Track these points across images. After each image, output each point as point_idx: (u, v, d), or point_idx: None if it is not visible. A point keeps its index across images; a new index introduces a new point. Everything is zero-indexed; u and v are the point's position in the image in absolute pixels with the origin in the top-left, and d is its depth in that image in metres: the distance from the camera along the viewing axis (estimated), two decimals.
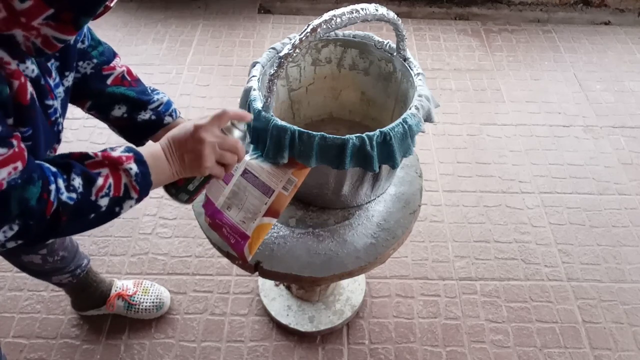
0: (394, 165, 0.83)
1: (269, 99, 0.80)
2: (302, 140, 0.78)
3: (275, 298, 1.44)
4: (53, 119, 0.69)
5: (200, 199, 0.90)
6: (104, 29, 2.43)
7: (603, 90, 2.25)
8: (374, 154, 0.78)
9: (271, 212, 0.81)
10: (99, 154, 0.64)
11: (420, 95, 0.87)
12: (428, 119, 0.89)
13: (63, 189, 0.60)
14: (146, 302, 1.40)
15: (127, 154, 0.65)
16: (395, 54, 0.97)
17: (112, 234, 1.63)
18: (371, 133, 0.78)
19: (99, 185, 0.62)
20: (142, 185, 0.66)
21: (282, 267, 0.90)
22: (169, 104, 0.88)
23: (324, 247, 0.93)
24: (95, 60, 0.83)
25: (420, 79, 0.91)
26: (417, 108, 0.84)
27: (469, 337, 1.43)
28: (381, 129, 0.79)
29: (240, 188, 0.82)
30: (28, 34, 0.53)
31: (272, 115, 0.81)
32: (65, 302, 1.45)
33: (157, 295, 1.42)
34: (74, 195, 0.60)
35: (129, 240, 1.61)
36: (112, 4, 0.60)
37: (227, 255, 0.92)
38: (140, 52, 2.34)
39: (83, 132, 1.95)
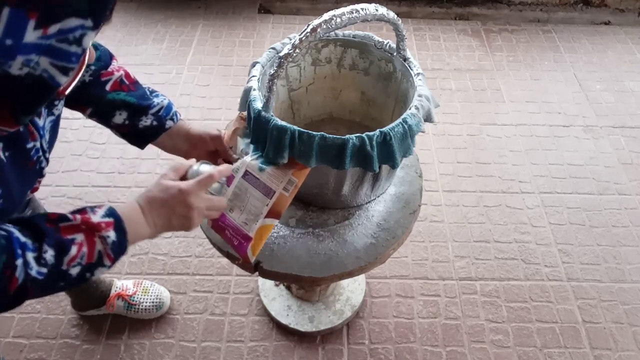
0: (394, 165, 0.83)
1: (269, 99, 0.80)
2: (302, 140, 0.78)
3: (275, 298, 1.44)
4: (35, 159, 0.65)
5: None
6: (104, 29, 2.42)
7: (603, 90, 2.25)
8: (374, 154, 0.78)
9: (273, 213, 0.81)
10: (78, 217, 0.61)
11: (420, 95, 0.87)
12: (428, 119, 0.89)
13: (32, 263, 0.55)
14: (146, 302, 1.40)
15: (107, 219, 0.62)
16: (395, 54, 0.97)
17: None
18: (371, 133, 0.78)
19: (72, 255, 0.58)
20: (117, 253, 0.63)
21: (282, 267, 0.90)
22: (169, 107, 0.87)
23: (324, 247, 0.93)
24: (93, 67, 0.81)
25: (420, 79, 0.91)
26: (417, 108, 0.84)
27: (469, 337, 1.43)
28: (381, 129, 0.79)
29: (242, 190, 0.83)
30: None
31: (272, 115, 0.81)
32: (65, 302, 1.45)
33: (157, 295, 1.42)
34: (44, 269, 0.56)
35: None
36: (67, 92, 0.57)
37: (227, 255, 0.92)
38: (140, 52, 2.34)
39: (83, 132, 1.95)
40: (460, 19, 2.65)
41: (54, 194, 1.72)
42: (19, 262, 0.55)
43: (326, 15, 0.75)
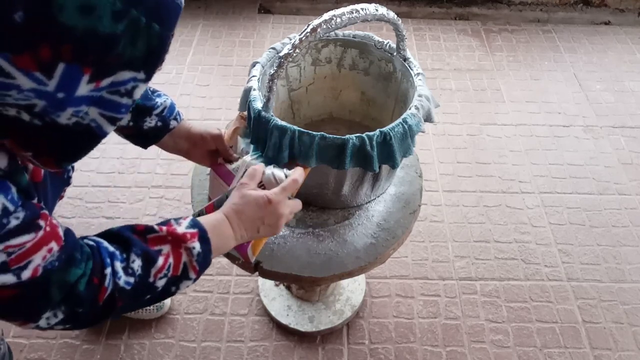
0: (394, 165, 0.83)
1: (269, 99, 0.80)
2: (302, 140, 0.78)
3: (275, 298, 1.44)
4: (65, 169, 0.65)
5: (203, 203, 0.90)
6: None
7: (603, 90, 2.25)
8: (374, 154, 0.78)
9: None
10: (164, 228, 0.60)
11: (420, 95, 0.87)
12: (428, 119, 0.89)
13: (121, 273, 0.55)
14: None
15: (191, 230, 0.61)
16: (395, 54, 0.97)
17: None
18: (371, 133, 0.78)
19: (159, 266, 0.58)
20: (202, 265, 0.62)
21: (282, 267, 0.90)
22: (172, 107, 0.87)
23: (324, 247, 0.93)
24: None
25: (420, 79, 0.91)
26: (417, 108, 0.84)
27: (469, 337, 1.43)
28: (381, 129, 0.79)
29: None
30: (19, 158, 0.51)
31: (272, 115, 0.81)
32: None
33: None
34: (131, 279, 0.56)
35: None
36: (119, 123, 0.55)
37: (227, 255, 0.92)
38: None
39: None
40: (460, 19, 2.65)
41: None
42: (108, 270, 0.54)
43: (326, 15, 0.75)
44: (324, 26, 0.74)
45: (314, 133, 0.78)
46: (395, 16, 0.83)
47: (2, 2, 0.35)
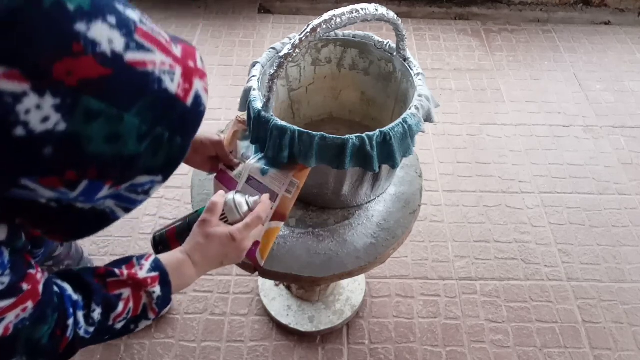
0: (394, 165, 0.83)
1: (269, 99, 0.80)
2: (302, 140, 0.78)
3: (275, 298, 1.44)
4: None
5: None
6: None
7: (603, 90, 2.25)
8: (374, 154, 0.78)
9: (278, 216, 0.82)
10: (125, 272, 0.60)
11: (420, 95, 0.87)
12: (428, 119, 0.89)
13: (82, 323, 0.56)
14: None
15: (153, 274, 0.62)
16: (395, 54, 0.97)
17: (112, 233, 1.63)
18: (371, 133, 0.78)
19: (119, 312, 0.59)
20: (161, 306, 0.63)
21: (282, 267, 0.90)
22: None
23: (324, 247, 0.93)
24: None
25: (420, 79, 0.91)
26: (417, 108, 0.84)
27: (469, 337, 1.43)
28: (381, 129, 0.79)
29: (245, 193, 0.83)
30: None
31: (272, 115, 0.81)
32: None
33: None
34: (91, 328, 0.57)
35: (129, 240, 1.61)
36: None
37: None
38: None
39: None
40: (460, 19, 2.65)
41: None
42: (71, 321, 0.55)
43: (326, 15, 0.75)
44: (324, 26, 0.74)
45: (314, 133, 0.78)
46: (395, 16, 0.83)
47: (34, 139, 0.35)
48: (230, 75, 2.25)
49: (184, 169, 1.90)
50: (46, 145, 0.36)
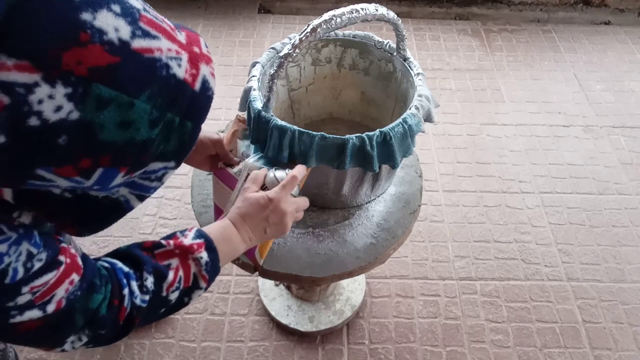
0: (394, 165, 0.83)
1: (269, 99, 0.80)
2: (302, 140, 0.78)
3: (275, 298, 1.44)
4: None
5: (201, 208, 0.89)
6: None
7: (603, 90, 2.25)
8: (374, 154, 0.78)
9: None
10: (171, 242, 0.61)
11: (420, 95, 0.87)
12: (428, 119, 0.89)
13: (137, 292, 0.57)
14: None
15: (198, 240, 0.63)
16: (395, 53, 0.97)
17: (112, 233, 1.63)
18: (371, 133, 0.78)
19: (170, 281, 0.59)
20: (211, 273, 0.64)
21: (282, 267, 0.90)
22: None
23: (324, 247, 0.93)
24: None
25: (420, 79, 0.91)
26: (417, 108, 0.84)
27: (469, 337, 1.43)
28: (381, 129, 0.79)
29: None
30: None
31: (272, 115, 0.81)
32: None
33: None
34: (147, 297, 0.58)
35: (129, 240, 1.61)
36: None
37: None
38: None
39: None
40: (460, 19, 2.65)
41: None
42: (126, 291, 0.56)
43: (326, 15, 0.75)
44: (324, 26, 0.74)
45: (314, 133, 0.78)
46: (395, 16, 0.83)
47: (48, 129, 0.36)
48: (230, 75, 2.25)
49: (184, 168, 1.90)
50: (60, 134, 0.37)
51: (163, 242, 0.61)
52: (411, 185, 1.06)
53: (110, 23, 0.37)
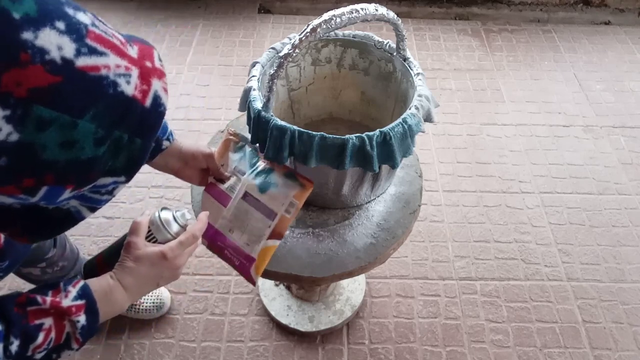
0: (394, 165, 0.82)
1: (269, 99, 0.80)
2: (302, 140, 0.78)
3: (275, 298, 1.44)
4: None
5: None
6: None
7: (603, 90, 2.25)
8: (374, 154, 0.78)
9: (275, 235, 0.80)
10: (48, 300, 0.57)
11: (420, 95, 0.87)
12: (428, 119, 0.89)
13: (0, 355, 0.53)
14: (146, 302, 1.40)
15: (78, 302, 0.59)
16: (395, 53, 0.97)
17: (112, 233, 1.63)
18: (371, 133, 0.78)
19: (39, 343, 0.55)
20: (86, 336, 0.60)
21: (282, 267, 0.90)
22: (165, 127, 0.83)
23: (324, 247, 0.93)
24: None
25: (420, 79, 0.91)
26: (417, 108, 0.84)
27: (469, 337, 1.43)
28: (381, 129, 0.79)
29: (242, 211, 0.81)
30: None
31: (272, 115, 0.81)
32: None
33: (158, 296, 1.42)
34: None
35: None
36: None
37: None
38: None
39: None
40: (460, 19, 2.65)
41: None
42: None
43: (326, 15, 0.75)
44: (324, 26, 0.74)
45: (314, 133, 0.78)
46: (395, 16, 0.83)
47: None
48: (230, 75, 2.25)
49: None
50: (0, 155, 0.36)
51: (39, 299, 0.57)
52: (411, 185, 1.06)
53: (53, 41, 0.35)
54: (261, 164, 0.85)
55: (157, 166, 0.87)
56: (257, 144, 0.84)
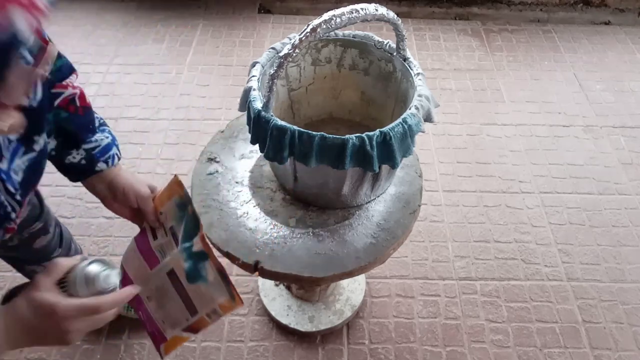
0: (394, 165, 0.83)
1: (269, 99, 0.80)
2: (302, 140, 0.78)
3: (275, 298, 1.44)
4: None
5: None
6: (104, 29, 2.43)
7: (603, 90, 2.25)
8: (374, 154, 0.78)
9: (191, 329, 0.71)
10: None
11: (420, 95, 0.87)
12: (428, 119, 0.89)
13: None
14: None
15: None
16: (395, 53, 0.97)
17: (112, 233, 1.63)
18: (371, 133, 0.78)
19: None
20: None
21: (282, 267, 0.90)
22: (108, 147, 0.76)
23: (324, 247, 0.93)
24: (49, 77, 0.69)
25: (420, 79, 0.91)
26: (417, 108, 0.84)
27: (469, 337, 1.43)
28: (381, 129, 0.79)
29: (164, 288, 0.71)
30: None
31: (272, 115, 0.81)
32: None
33: None
34: None
35: (129, 240, 1.61)
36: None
37: (226, 255, 0.92)
38: (140, 52, 2.34)
39: None
40: (460, 19, 2.65)
41: (53, 194, 1.72)
42: None
43: (326, 15, 0.75)
44: (324, 26, 0.74)
45: (314, 133, 0.78)
46: (395, 16, 0.83)
47: None
48: (230, 75, 2.25)
49: (184, 169, 1.89)
50: None
51: None
52: (411, 185, 1.06)
53: None
54: (198, 244, 0.68)
55: (87, 187, 0.80)
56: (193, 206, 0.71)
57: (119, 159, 0.80)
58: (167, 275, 0.70)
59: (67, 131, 0.73)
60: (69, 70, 0.73)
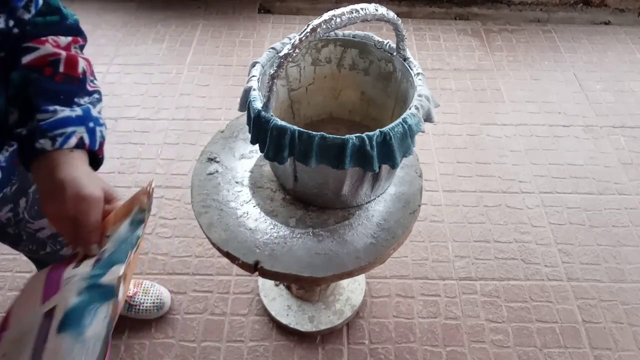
0: (394, 165, 0.83)
1: (269, 99, 0.80)
2: (302, 140, 0.78)
3: (275, 298, 1.44)
4: None
5: None
6: (104, 29, 2.43)
7: (603, 90, 2.25)
8: (374, 154, 0.78)
9: None
10: None
11: (420, 95, 0.87)
12: (428, 119, 0.89)
13: None
14: (146, 303, 1.40)
15: None
16: (395, 53, 0.97)
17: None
18: (371, 133, 0.78)
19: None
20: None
21: (282, 267, 0.90)
22: (64, 121, 0.55)
23: (324, 247, 0.93)
24: (26, 17, 0.55)
25: (420, 79, 0.91)
26: (417, 108, 0.84)
27: (469, 337, 1.43)
28: (381, 129, 0.79)
29: (26, 337, 0.47)
30: None
31: (272, 115, 0.81)
32: None
33: (158, 296, 1.42)
34: None
35: None
36: None
37: (226, 255, 0.92)
38: (140, 52, 2.34)
39: None
40: (460, 19, 2.65)
41: None
42: None
43: (326, 15, 0.75)
44: (324, 26, 0.74)
45: (314, 133, 0.78)
46: (395, 16, 0.83)
47: None
48: (230, 75, 2.25)
49: (183, 169, 1.89)
50: None
51: None
52: (411, 185, 1.06)
53: None
54: (114, 274, 0.49)
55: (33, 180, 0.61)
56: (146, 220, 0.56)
57: (85, 146, 0.56)
58: (43, 316, 0.48)
59: (27, 97, 0.55)
60: (68, 30, 0.60)
